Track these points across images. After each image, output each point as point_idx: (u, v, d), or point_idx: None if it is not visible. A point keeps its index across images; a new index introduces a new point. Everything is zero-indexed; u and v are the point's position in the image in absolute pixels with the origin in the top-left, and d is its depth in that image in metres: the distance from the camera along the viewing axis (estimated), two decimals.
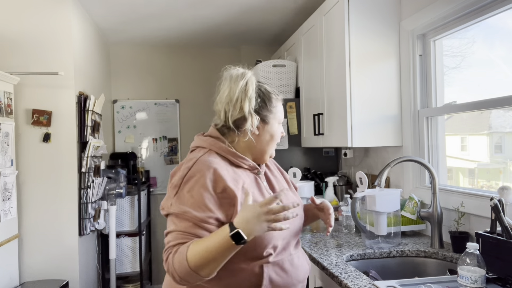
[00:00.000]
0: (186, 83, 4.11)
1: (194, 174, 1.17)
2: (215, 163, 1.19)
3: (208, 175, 1.16)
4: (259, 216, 1.05)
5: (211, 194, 1.15)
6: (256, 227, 1.05)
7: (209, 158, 1.21)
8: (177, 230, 1.13)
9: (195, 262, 1.06)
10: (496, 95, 1.64)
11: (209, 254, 1.05)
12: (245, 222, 1.05)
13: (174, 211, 1.15)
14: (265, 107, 1.28)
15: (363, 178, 1.85)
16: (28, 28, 2.56)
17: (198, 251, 1.06)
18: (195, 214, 1.12)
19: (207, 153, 1.24)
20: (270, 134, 1.30)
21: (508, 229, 1.33)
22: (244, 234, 1.04)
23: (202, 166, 1.18)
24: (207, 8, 3.00)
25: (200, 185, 1.15)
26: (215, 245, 1.06)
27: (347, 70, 2.14)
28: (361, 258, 1.77)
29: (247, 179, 1.26)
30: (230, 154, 1.26)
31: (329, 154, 3.00)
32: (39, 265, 2.56)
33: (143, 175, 3.85)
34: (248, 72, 1.28)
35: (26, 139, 2.55)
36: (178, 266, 1.07)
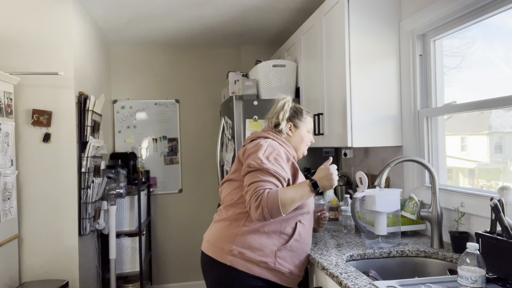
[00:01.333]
0: (186, 83, 4.11)
1: (273, 149, 1.69)
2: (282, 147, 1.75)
3: (282, 151, 1.72)
4: (327, 175, 1.66)
5: (285, 163, 1.70)
6: (325, 182, 1.65)
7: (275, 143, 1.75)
8: (265, 179, 1.60)
9: (284, 200, 1.56)
10: (496, 95, 1.64)
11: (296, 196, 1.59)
12: (319, 178, 1.65)
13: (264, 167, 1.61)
14: (296, 117, 1.85)
15: (363, 178, 1.85)
16: (28, 28, 2.56)
17: (288, 193, 1.58)
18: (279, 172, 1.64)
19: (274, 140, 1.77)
20: (300, 136, 1.85)
21: (508, 229, 1.33)
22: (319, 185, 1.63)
23: (276, 146, 1.72)
24: (207, 8, 3.00)
25: (279, 155, 1.68)
26: (300, 191, 1.61)
27: (347, 70, 2.14)
28: (361, 258, 1.77)
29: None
30: (286, 144, 1.80)
31: (329, 154, 3.00)
32: (39, 265, 2.56)
33: (143, 175, 3.85)
34: (288, 97, 1.87)
35: (26, 139, 2.55)
36: (271, 203, 1.54)
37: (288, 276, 1.69)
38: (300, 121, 1.85)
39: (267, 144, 1.70)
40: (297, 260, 1.72)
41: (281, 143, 1.77)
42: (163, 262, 4.03)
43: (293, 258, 1.70)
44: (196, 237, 4.09)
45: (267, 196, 1.55)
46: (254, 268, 1.62)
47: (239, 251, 1.62)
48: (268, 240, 1.65)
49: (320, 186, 1.64)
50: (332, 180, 1.66)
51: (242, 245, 1.63)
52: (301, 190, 1.61)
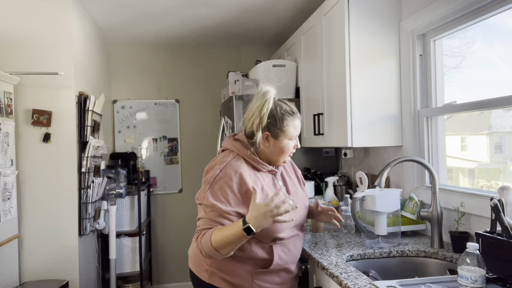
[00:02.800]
0: (186, 83, 4.11)
1: (224, 175, 1.47)
2: (241, 168, 1.50)
3: (235, 178, 1.47)
4: (264, 213, 1.35)
5: (234, 194, 1.46)
6: (262, 222, 1.36)
7: (236, 163, 1.51)
8: (206, 217, 1.45)
9: (217, 244, 1.38)
10: (496, 95, 1.64)
11: (228, 239, 1.37)
12: (254, 218, 1.36)
13: (206, 203, 1.45)
14: (275, 125, 1.53)
15: (363, 178, 1.85)
16: (28, 28, 2.56)
17: (220, 236, 1.38)
18: (221, 207, 1.43)
19: (235, 158, 1.54)
20: (279, 147, 1.56)
21: (508, 229, 1.33)
22: (253, 228, 1.35)
23: (231, 170, 1.48)
24: (207, 8, 3.00)
25: (227, 186, 1.46)
26: (232, 234, 1.37)
27: (347, 70, 2.14)
28: (361, 258, 1.77)
29: (265, 179, 1.58)
30: (253, 161, 1.56)
31: (329, 154, 3.01)
32: (39, 265, 2.56)
33: (143, 175, 3.85)
34: (270, 92, 1.54)
35: (26, 139, 2.55)
36: (205, 246, 1.40)
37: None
38: (280, 130, 1.53)
39: (222, 167, 1.48)
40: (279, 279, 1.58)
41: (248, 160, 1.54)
42: (163, 262, 4.03)
43: (274, 277, 1.56)
44: None
45: (201, 238, 1.42)
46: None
47: (214, 271, 1.53)
48: (242, 265, 1.52)
49: (256, 229, 1.35)
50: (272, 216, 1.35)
51: (216, 266, 1.53)
52: (234, 232, 1.36)
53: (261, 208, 1.35)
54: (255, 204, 1.37)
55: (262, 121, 1.51)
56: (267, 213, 1.34)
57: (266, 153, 1.57)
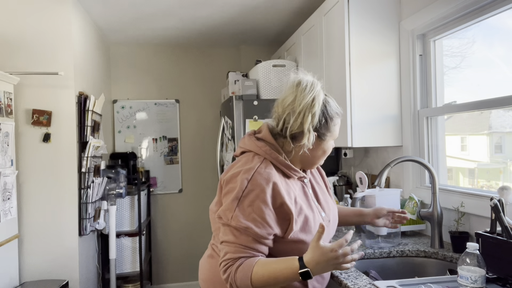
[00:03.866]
0: (186, 83, 4.11)
1: (254, 188, 1.19)
2: (273, 176, 1.22)
3: (268, 190, 1.19)
4: (329, 260, 1.10)
5: (270, 210, 1.19)
6: (324, 269, 1.11)
7: (266, 170, 1.23)
8: (238, 243, 1.18)
9: (258, 284, 1.14)
10: (496, 95, 1.64)
11: (274, 280, 1.13)
12: (315, 263, 1.10)
13: (236, 225, 1.18)
14: (325, 126, 1.29)
15: (363, 178, 1.86)
16: (28, 28, 2.56)
17: (264, 275, 1.13)
18: (256, 231, 1.17)
19: (263, 163, 1.25)
20: (323, 150, 1.33)
21: (508, 229, 1.33)
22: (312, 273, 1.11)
23: (262, 180, 1.20)
24: (207, 8, 3.00)
25: (260, 200, 1.18)
26: (281, 274, 1.12)
27: (347, 70, 2.14)
28: (361, 258, 1.77)
29: (296, 188, 1.31)
30: (285, 167, 1.28)
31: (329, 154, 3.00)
32: (39, 265, 2.56)
33: (143, 175, 3.85)
34: (318, 85, 1.28)
35: (26, 139, 2.55)
36: (240, 282, 1.15)
37: None
38: (328, 131, 1.31)
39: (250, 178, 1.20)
40: None
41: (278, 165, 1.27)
42: (163, 262, 4.03)
43: None
44: (196, 237, 4.09)
45: (237, 271, 1.16)
46: None
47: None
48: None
49: (314, 274, 1.12)
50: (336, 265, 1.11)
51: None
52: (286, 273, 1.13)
53: (326, 253, 1.10)
54: (319, 246, 1.11)
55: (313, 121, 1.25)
56: (331, 260, 1.10)
57: (305, 156, 1.31)
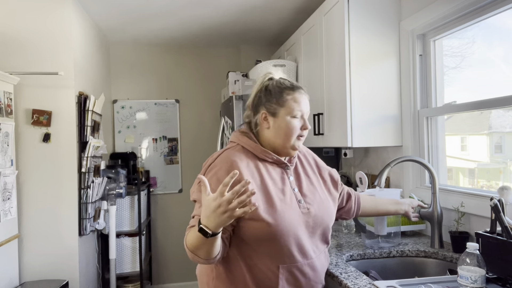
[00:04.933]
0: (186, 83, 4.11)
1: (214, 166, 1.28)
2: (236, 156, 1.29)
3: (225, 167, 1.25)
4: (214, 210, 1.06)
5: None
6: (216, 220, 1.07)
7: (232, 151, 1.31)
8: (196, 214, 1.25)
9: (190, 247, 1.17)
10: (496, 95, 1.64)
11: (195, 243, 1.15)
12: (206, 218, 1.09)
13: (195, 197, 1.28)
14: (272, 100, 1.32)
15: (363, 178, 1.86)
16: (28, 28, 2.56)
17: (190, 239, 1.17)
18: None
19: (233, 147, 1.34)
20: (281, 127, 1.31)
21: (508, 229, 1.33)
22: (208, 229, 1.09)
23: (224, 159, 1.28)
24: (207, 8, 3.00)
25: (216, 176, 1.24)
26: (194, 236, 1.14)
27: (347, 70, 2.14)
28: (361, 258, 1.77)
29: (272, 172, 1.33)
30: (254, 149, 1.33)
31: (329, 154, 3.01)
32: (39, 265, 2.56)
33: (143, 175, 3.85)
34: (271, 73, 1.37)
35: (26, 139, 2.55)
36: (186, 247, 1.20)
37: None
38: (278, 105, 1.31)
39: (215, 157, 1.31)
40: None
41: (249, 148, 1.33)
42: (163, 262, 4.03)
43: None
44: None
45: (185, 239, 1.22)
46: None
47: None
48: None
49: (212, 229, 1.08)
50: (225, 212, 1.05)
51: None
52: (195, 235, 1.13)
53: (209, 203, 1.07)
54: (205, 199, 1.09)
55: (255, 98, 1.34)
56: (217, 209, 1.06)
57: (270, 139, 1.33)
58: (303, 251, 1.29)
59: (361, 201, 1.66)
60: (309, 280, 1.30)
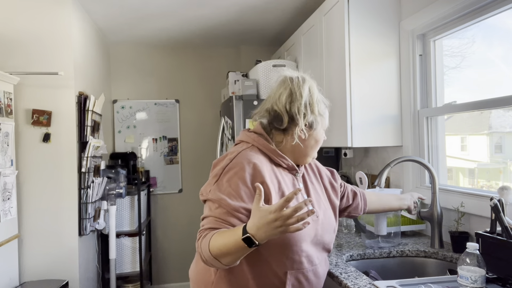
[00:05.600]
0: (186, 83, 4.11)
1: (234, 166, 1.22)
2: (255, 158, 1.24)
3: (248, 169, 1.21)
4: (269, 223, 1.03)
5: (247, 186, 1.20)
6: (267, 233, 1.04)
7: (250, 152, 1.26)
8: (212, 215, 1.20)
9: (216, 252, 1.11)
10: (496, 95, 1.64)
11: (226, 249, 1.09)
12: (257, 228, 1.04)
13: (212, 197, 1.21)
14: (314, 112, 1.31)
15: (363, 178, 1.85)
16: (28, 28, 2.56)
17: (218, 244, 1.10)
18: (229, 203, 1.17)
19: (249, 148, 1.29)
20: (315, 139, 1.33)
21: (508, 229, 1.33)
22: (255, 239, 1.05)
23: (243, 159, 1.23)
24: (207, 8, 3.00)
25: (238, 176, 1.20)
26: (230, 243, 1.08)
27: (347, 70, 2.14)
28: (361, 258, 1.77)
29: (284, 178, 1.30)
30: (271, 152, 1.29)
31: (329, 154, 3.01)
32: (39, 265, 2.56)
33: (143, 175, 3.85)
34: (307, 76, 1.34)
35: (26, 139, 2.55)
36: (204, 251, 1.14)
37: None
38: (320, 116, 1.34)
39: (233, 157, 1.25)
40: None
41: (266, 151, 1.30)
42: (163, 262, 4.03)
43: None
44: (196, 237, 4.08)
45: (202, 240, 1.17)
46: None
47: None
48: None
49: (258, 239, 1.04)
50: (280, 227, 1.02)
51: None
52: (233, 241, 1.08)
53: (265, 215, 1.03)
54: (258, 208, 1.05)
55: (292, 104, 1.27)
56: (272, 223, 1.02)
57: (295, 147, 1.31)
58: (310, 258, 1.28)
59: (367, 197, 1.67)
60: (312, 286, 1.30)
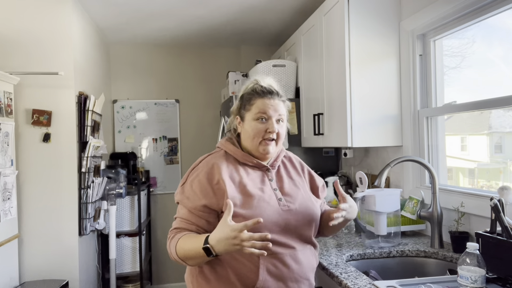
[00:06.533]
0: (186, 83, 4.11)
1: (198, 168, 1.35)
2: (217, 158, 1.36)
3: (206, 169, 1.32)
4: (227, 239, 1.12)
5: (207, 186, 1.29)
6: (225, 247, 1.13)
7: (215, 155, 1.38)
8: (178, 216, 1.33)
9: (181, 255, 1.23)
10: (496, 95, 1.64)
11: (190, 254, 1.21)
12: (216, 241, 1.14)
13: (178, 199, 1.34)
14: (242, 106, 1.40)
15: (363, 178, 1.85)
16: (28, 28, 2.56)
17: (183, 248, 1.23)
18: (187, 203, 1.30)
19: (217, 152, 1.41)
20: (246, 130, 1.38)
21: (508, 229, 1.33)
22: (213, 251, 1.15)
23: (205, 163, 1.36)
24: (207, 8, 3.00)
25: (198, 179, 1.31)
26: (193, 249, 1.20)
27: (347, 70, 2.14)
28: (361, 258, 1.77)
29: (252, 174, 1.38)
30: (237, 153, 1.39)
31: (329, 154, 3.01)
32: (39, 265, 2.56)
33: (143, 175, 3.85)
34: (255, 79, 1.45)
35: (26, 139, 2.55)
36: (172, 251, 1.27)
37: None
38: (245, 110, 1.39)
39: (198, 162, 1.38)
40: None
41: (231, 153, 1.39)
42: (163, 262, 4.03)
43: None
44: None
45: (170, 241, 1.29)
46: None
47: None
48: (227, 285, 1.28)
49: (217, 252, 1.14)
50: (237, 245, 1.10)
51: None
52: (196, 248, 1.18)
53: (228, 231, 1.11)
54: (225, 222, 1.13)
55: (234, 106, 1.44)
56: (231, 240, 1.11)
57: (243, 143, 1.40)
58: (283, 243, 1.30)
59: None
60: (293, 272, 1.29)
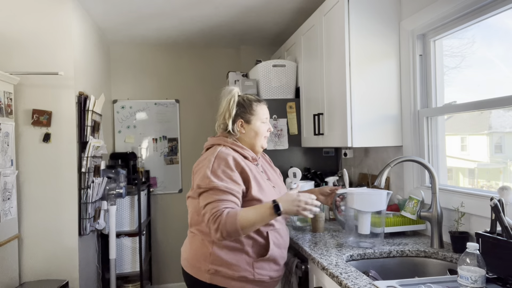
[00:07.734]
0: (186, 83, 4.11)
1: (220, 161, 1.61)
2: (232, 153, 1.66)
3: (230, 160, 1.62)
4: (294, 201, 1.56)
5: (235, 172, 1.60)
6: (290, 207, 1.55)
7: (226, 150, 1.66)
8: (219, 199, 1.54)
9: (243, 224, 1.50)
10: (496, 95, 1.64)
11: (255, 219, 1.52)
12: (284, 201, 1.55)
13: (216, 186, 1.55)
14: (245, 111, 1.74)
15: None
16: (28, 28, 2.56)
17: (248, 216, 1.51)
18: (230, 186, 1.56)
19: (223, 147, 1.68)
20: (254, 131, 1.75)
21: (508, 229, 1.33)
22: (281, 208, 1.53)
23: (224, 155, 1.63)
24: (207, 8, 3.00)
25: (227, 167, 1.60)
26: (260, 213, 1.53)
27: (347, 70, 2.14)
28: (361, 258, 1.77)
29: (252, 166, 1.70)
30: (238, 147, 1.71)
31: (329, 154, 3.01)
32: (39, 265, 2.56)
33: (143, 175, 3.85)
34: (234, 89, 1.75)
35: (26, 139, 2.55)
36: (230, 225, 1.49)
37: (269, 281, 1.69)
38: (251, 114, 1.74)
39: (215, 155, 1.63)
40: (276, 266, 1.70)
41: (235, 147, 1.70)
42: (163, 262, 4.03)
43: (272, 265, 1.67)
44: None
45: (225, 218, 1.50)
46: (234, 283, 1.60)
47: (216, 269, 1.60)
48: (242, 255, 1.61)
49: (283, 210, 1.53)
50: (298, 206, 1.55)
51: (218, 263, 1.60)
52: (262, 212, 1.53)
53: (293, 196, 1.56)
54: (289, 192, 1.62)
55: (231, 112, 1.71)
56: (296, 202, 1.54)
57: (247, 141, 1.75)
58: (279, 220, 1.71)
59: None
60: (285, 241, 1.74)
